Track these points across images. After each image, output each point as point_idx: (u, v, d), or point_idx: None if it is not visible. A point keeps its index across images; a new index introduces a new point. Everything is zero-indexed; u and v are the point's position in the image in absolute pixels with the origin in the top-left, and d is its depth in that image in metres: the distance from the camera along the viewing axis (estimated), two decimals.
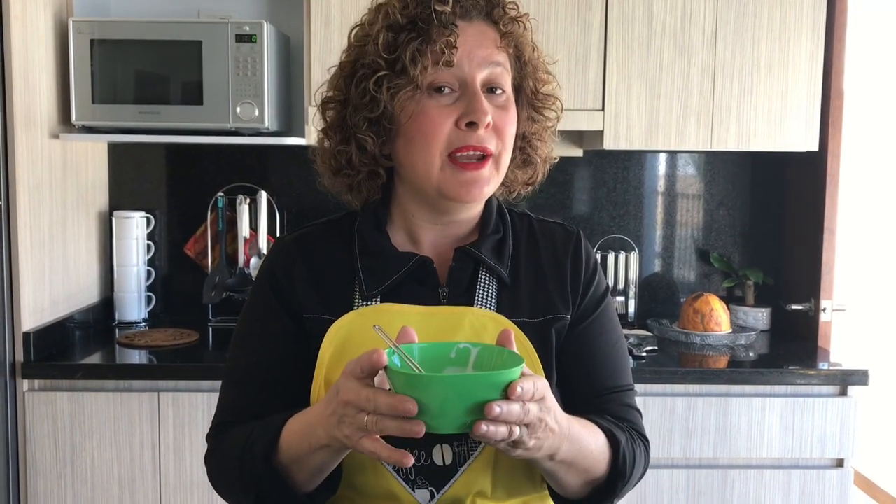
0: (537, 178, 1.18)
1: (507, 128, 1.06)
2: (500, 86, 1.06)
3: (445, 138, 1.03)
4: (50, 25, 2.35)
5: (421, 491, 1.03)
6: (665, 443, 2.26)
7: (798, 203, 2.74)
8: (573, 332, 1.12)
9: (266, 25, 2.36)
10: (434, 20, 1.01)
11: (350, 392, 0.86)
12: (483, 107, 1.02)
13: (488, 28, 1.06)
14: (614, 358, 1.15)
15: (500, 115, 1.05)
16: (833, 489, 2.29)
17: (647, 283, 2.88)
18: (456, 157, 1.04)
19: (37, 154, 2.27)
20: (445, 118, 1.03)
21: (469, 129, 1.03)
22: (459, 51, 1.02)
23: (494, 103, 1.05)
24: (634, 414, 1.15)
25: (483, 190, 1.06)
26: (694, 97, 2.45)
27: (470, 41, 1.04)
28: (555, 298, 1.12)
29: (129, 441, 2.21)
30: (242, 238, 2.70)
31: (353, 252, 1.11)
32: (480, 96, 1.03)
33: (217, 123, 2.38)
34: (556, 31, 2.42)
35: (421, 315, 1.06)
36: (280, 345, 1.10)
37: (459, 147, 1.03)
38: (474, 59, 1.04)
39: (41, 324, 2.29)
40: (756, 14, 2.43)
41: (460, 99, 1.04)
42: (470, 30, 1.05)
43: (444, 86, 1.03)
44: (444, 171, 1.04)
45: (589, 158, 2.83)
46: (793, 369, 2.28)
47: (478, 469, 1.03)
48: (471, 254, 1.09)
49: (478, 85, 1.04)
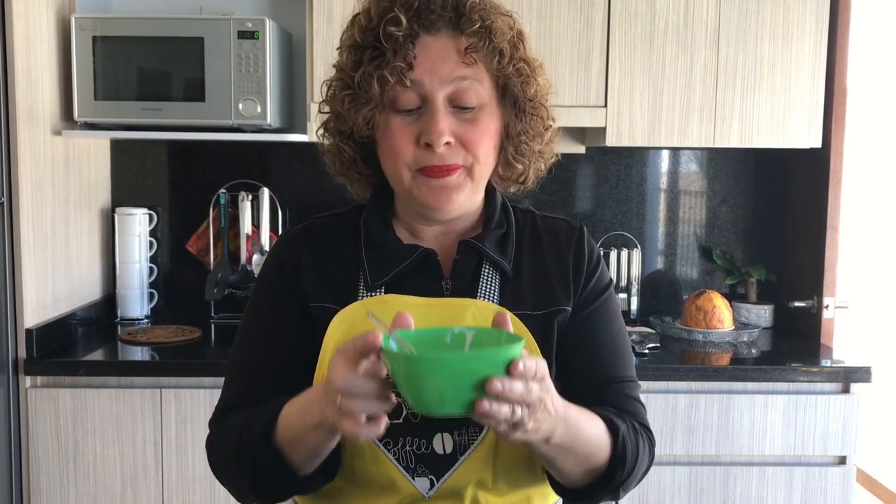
0: (527, 175, 1.16)
1: (476, 142, 1.05)
2: (466, 103, 1.04)
3: (411, 157, 1.05)
4: (52, 22, 2.35)
5: (421, 479, 1.04)
6: (667, 440, 2.26)
7: (801, 200, 2.73)
8: (574, 320, 1.12)
9: (268, 22, 2.36)
10: (391, 40, 1.01)
11: (334, 369, 0.87)
12: (438, 128, 1.02)
13: (454, 40, 1.04)
14: (616, 348, 1.14)
15: (466, 129, 1.04)
16: (835, 486, 2.29)
17: (650, 280, 2.88)
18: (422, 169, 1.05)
19: (39, 151, 2.27)
20: (406, 137, 1.04)
21: (427, 149, 1.03)
22: (421, 68, 1.02)
23: (461, 118, 1.04)
24: (637, 406, 1.14)
25: (454, 197, 1.06)
26: (697, 94, 2.45)
27: (432, 57, 1.03)
28: (557, 291, 1.12)
29: (131, 437, 2.21)
30: (245, 235, 2.70)
31: (359, 244, 1.13)
32: (438, 116, 1.02)
33: (219, 120, 2.38)
34: (558, 27, 2.42)
35: (424, 306, 1.07)
36: (286, 332, 1.11)
37: (423, 166, 1.05)
38: (436, 77, 1.03)
39: (44, 320, 2.29)
40: (759, 10, 2.43)
41: (422, 117, 1.04)
42: (435, 45, 1.03)
43: (406, 103, 1.03)
44: (414, 181, 1.06)
45: (591, 155, 2.82)
46: (795, 366, 2.28)
47: (478, 458, 1.04)
48: (474, 247, 1.10)
49: (439, 103, 1.03)
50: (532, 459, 1.06)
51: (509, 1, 1.22)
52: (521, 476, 1.07)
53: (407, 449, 1.04)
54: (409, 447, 1.04)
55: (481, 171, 1.08)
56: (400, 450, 1.03)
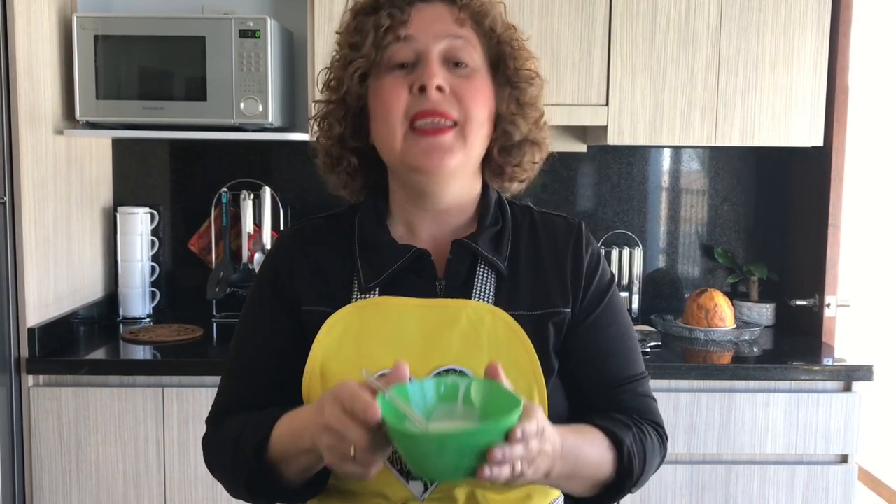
0: (522, 161, 1.14)
1: (469, 96, 1.06)
2: (461, 59, 1.07)
3: (403, 106, 1.05)
4: (54, 21, 2.35)
5: (415, 482, 1.03)
6: (669, 439, 2.25)
7: (802, 199, 2.73)
8: (581, 326, 1.12)
9: (270, 21, 2.36)
10: (387, 4, 1.06)
11: (332, 418, 0.88)
12: (431, 70, 1.04)
13: (448, 9, 1.08)
14: (625, 348, 1.14)
15: (460, 83, 1.06)
16: (837, 485, 2.29)
17: (651, 278, 2.88)
18: (416, 125, 1.04)
19: (41, 150, 2.27)
20: (400, 87, 1.05)
21: (422, 95, 1.04)
22: (416, 26, 1.06)
23: (457, 73, 1.06)
24: (649, 402, 1.15)
25: (446, 159, 1.05)
26: (698, 92, 2.45)
27: (427, 16, 1.07)
28: (553, 292, 1.11)
29: (133, 436, 2.21)
30: (246, 234, 2.71)
31: (353, 245, 1.12)
32: (432, 63, 1.05)
33: (221, 119, 2.38)
34: (559, 26, 2.42)
35: (419, 307, 1.06)
36: (276, 338, 1.12)
37: (417, 112, 1.04)
38: (430, 33, 1.06)
39: (46, 319, 2.29)
40: (760, 9, 2.43)
41: (416, 70, 1.06)
42: (430, 10, 1.07)
43: (401, 61, 1.05)
44: (406, 142, 1.05)
45: (593, 154, 2.82)
46: (797, 365, 2.28)
47: None
48: (468, 246, 1.09)
49: (433, 55, 1.05)
50: None
51: (510, 0, 1.22)
52: None
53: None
54: None
55: (474, 132, 1.06)
56: (394, 453, 1.02)
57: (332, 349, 1.05)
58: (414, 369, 1.03)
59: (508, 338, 1.05)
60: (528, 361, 1.05)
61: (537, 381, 1.05)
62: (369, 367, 1.03)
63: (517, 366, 1.04)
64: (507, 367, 1.03)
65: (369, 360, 1.04)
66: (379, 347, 1.05)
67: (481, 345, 1.05)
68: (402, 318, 1.06)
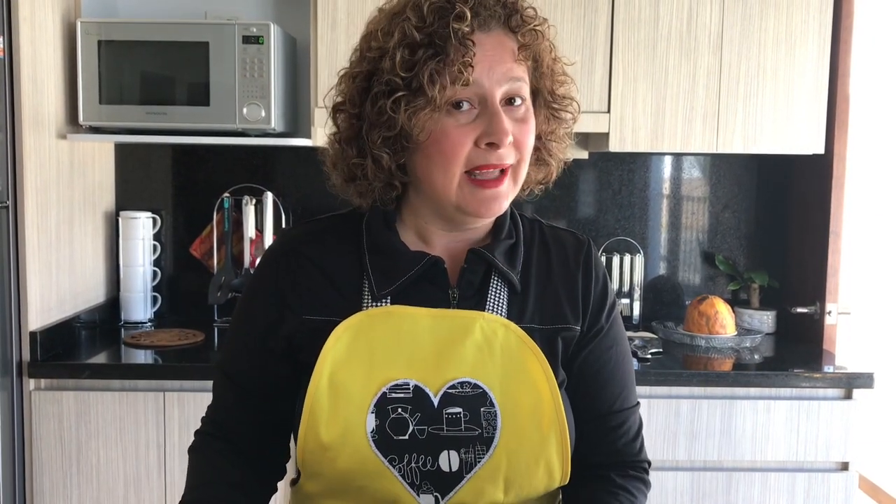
0: (551, 177, 1.15)
1: (526, 140, 1.04)
2: (519, 97, 1.03)
3: (465, 158, 1.01)
4: (58, 26, 2.36)
5: (426, 496, 1.02)
6: (669, 445, 2.26)
7: (803, 206, 2.73)
8: (586, 348, 1.12)
9: (273, 27, 2.37)
10: (451, 38, 0.97)
11: None
12: (504, 127, 1.00)
13: (506, 38, 1.02)
14: (623, 375, 1.15)
15: (519, 128, 1.03)
16: (838, 493, 2.29)
17: (652, 285, 2.88)
18: (475, 174, 1.02)
19: (44, 154, 2.28)
20: (465, 137, 1.00)
21: (489, 149, 1.01)
22: (478, 67, 0.99)
23: (513, 116, 1.02)
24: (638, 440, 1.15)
25: (502, 205, 1.05)
26: (700, 99, 2.45)
27: (489, 56, 1.00)
28: (564, 308, 1.11)
29: (134, 440, 2.21)
30: (248, 239, 2.71)
31: (362, 249, 1.09)
32: (501, 116, 1.00)
33: (223, 124, 2.38)
34: (561, 33, 2.42)
35: (432, 318, 1.05)
36: (269, 347, 1.10)
37: (479, 165, 1.01)
38: (494, 76, 1.00)
39: (47, 323, 2.30)
40: (762, 17, 2.43)
41: (480, 116, 1.00)
42: (488, 42, 1.00)
43: (462, 101, 1.00)
44: (462, 189, 1.02)
45: (594, 161, 2.83)
46: (798, 372, 2.28)
47: (485, 477, 1.03)
48: (483, 256, 1.08)
49: (497, 101, 1.01)
50: (549, 474, 1.06)
51: None
52: (533, 494, 1.07)
53: (412, 466, 1.02)
54: (414, 464, 1.02)
55: (522, 174, 1.06)
56: (405, 466, 1.02)
57: (340, 358, 1.03)
58: (427, 381, 1.02)
59: (521, 351, 1.05)
60: (543, 374, 1.04)
61: (553, 394, 1.04)
62: (381, 378, 1.02)
63: (531, 379, 1.04)
64: (520, 380, 1.03)
65: (382, 371, 1.03)
66: (392, 358, 1.03)
67: (495, 357, 1.04)
68: (415, 328, 1.04)
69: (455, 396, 1.02)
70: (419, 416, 1.02)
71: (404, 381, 1.02)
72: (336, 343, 1.04)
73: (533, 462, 1.03)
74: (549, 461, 1.04)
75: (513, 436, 1.02)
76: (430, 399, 1.02)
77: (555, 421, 1.04)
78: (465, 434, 1.02)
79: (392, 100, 0.99)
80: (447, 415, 1.02)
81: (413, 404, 1.02)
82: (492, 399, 1.03)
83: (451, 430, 1.02)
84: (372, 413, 1.01)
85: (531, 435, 1.03)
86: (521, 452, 1.03)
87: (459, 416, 1.02)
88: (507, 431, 1.02)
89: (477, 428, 1.02)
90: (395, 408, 1.02)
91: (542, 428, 1.03)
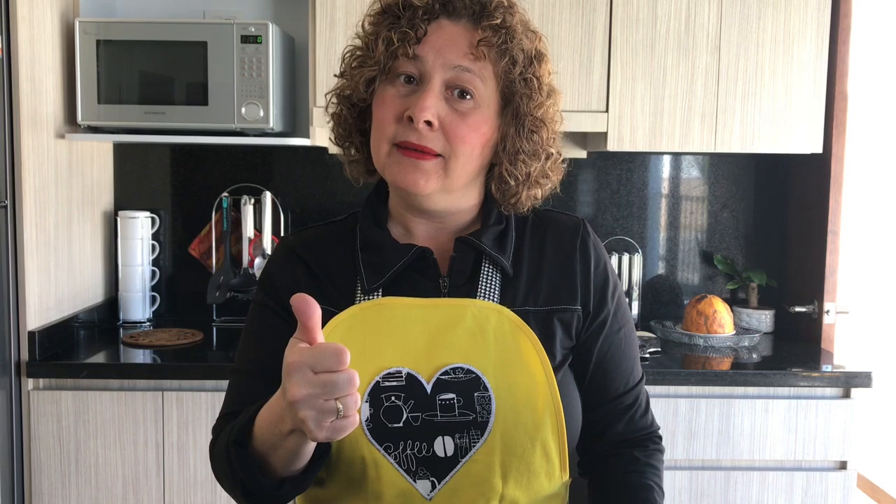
0: (519, 197, 1.11)
1: (459, 134, 1.03)
2: (467, 90, 1.03)
3: (392, 131, 1.04)
4: (56, 26, 2.36)
5: (422, 481, 1.04)
6: (668, 444, 2.26)
7: (802, 205, 2.74)
8: (600, 333, 1.14)
9: (271, 26, 2.37)
10: (409, 10, 1.03)
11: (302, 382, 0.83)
12: (424, 104, 1.01)
13: (470, 31, 1.03)
14: (631, 355, 1.18)
15: (454, 119, 1.03)
16: (836, 491, 2.29)
17: (651, 284, 2.88)
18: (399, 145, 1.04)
19: (42, 154, 2.28)
20: (395, 108, 1.04)
21: (410, 124, 1.02)
22: (429, 45, 1.02)
23: (455, 107, 1.03)
24: (648, 413, 1.19)
25: (421, 182, 1.03)
26: (698, 99, 2.45)
27: (445, 39, 1.03)
28: (560, 289, 1.12)
29: (133, 440, 2.21)
30: (247, 238, 2.71)
31: (355, 249, 1.12)
32: (428, 94, 1.01)
33: (222, 124, 2.38)
34: (560, 32, 2.42)
35: (423, 308, 1.06)
36: (277, 344, 1.09)
37: (401, 141, 1.03)
38: (440, 58, 1.02)
39: (46, 323, 2.30)
40: (760, 16, 2.43)
41: (415, 93, 1.03)
42: (450, 28, 1.03)
43: (404, 74, 1.03)
44: (389, 157, 1.05)
45: (593, 160, 2.83)
46: (796, 371, 2.28)
47: (481, 461, 1.04)
48: (471, 243, 1.09)
49: (436, 82, 1.02)
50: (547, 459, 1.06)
51: None
52: (533, 478, 1.07)
53: (408, 452, 1.03)
54: (409, 451, 1.03)
55: (457, 170, 1.04)
56: (401, 454, 1.03)
57: None
58: (420, 368, 1.04)
59: (515, 335, 1.06)
60: (537, 357, 1.05)
61: (547, 376, 1.05)
62: (374, 367, 1.04)
63: (524, 361, 1.05)
64: (514, 363, 1.04)
65: (374, 360, 1.04)
66: (384, 348, 1.05)
67: (488, 342, 1.05)
68: (406, 318, 1.06)
69: (448, 382, 1.04)
70: (413, 404, 1.03)
71: (396, 369, 1.04)
72: (329, 337, 1.05)
73: (529, 444, 1.04)
74: (546, 442, 1.05)
75: (507, 419, 1.03)
76: (423, 386, 1.04)
77: (549, 403, 1.05)
78: (459, 419, 1.03)
79: (352, 57, 1.09)
80: (440, 401, 1.03)
81: (406, 392, 1.03)
82: (485, 383, 1.04)
83: (444, 416, 1.03)
84: (365, 402, 1.03)
85: (526, 417, 1.04)
86: (517, 435, 1.04)
87: (453, 402, 1.03)
88: (501, 415, 1.03)
89: (471, 413, 1.03)
90: (389, 396, 1.03)
91: (536, 410, 1.04)
